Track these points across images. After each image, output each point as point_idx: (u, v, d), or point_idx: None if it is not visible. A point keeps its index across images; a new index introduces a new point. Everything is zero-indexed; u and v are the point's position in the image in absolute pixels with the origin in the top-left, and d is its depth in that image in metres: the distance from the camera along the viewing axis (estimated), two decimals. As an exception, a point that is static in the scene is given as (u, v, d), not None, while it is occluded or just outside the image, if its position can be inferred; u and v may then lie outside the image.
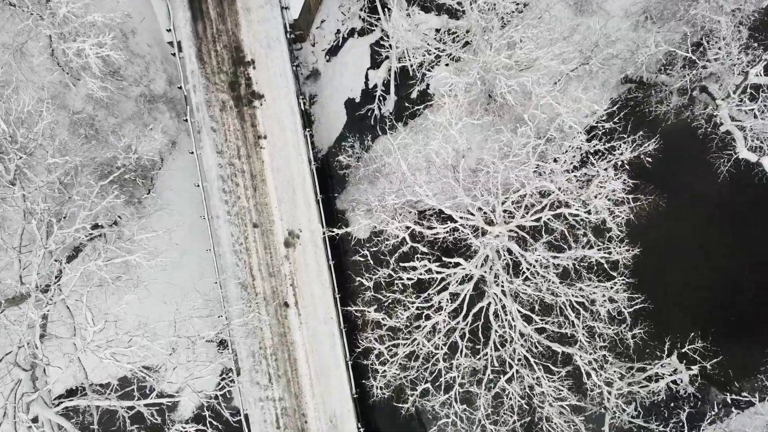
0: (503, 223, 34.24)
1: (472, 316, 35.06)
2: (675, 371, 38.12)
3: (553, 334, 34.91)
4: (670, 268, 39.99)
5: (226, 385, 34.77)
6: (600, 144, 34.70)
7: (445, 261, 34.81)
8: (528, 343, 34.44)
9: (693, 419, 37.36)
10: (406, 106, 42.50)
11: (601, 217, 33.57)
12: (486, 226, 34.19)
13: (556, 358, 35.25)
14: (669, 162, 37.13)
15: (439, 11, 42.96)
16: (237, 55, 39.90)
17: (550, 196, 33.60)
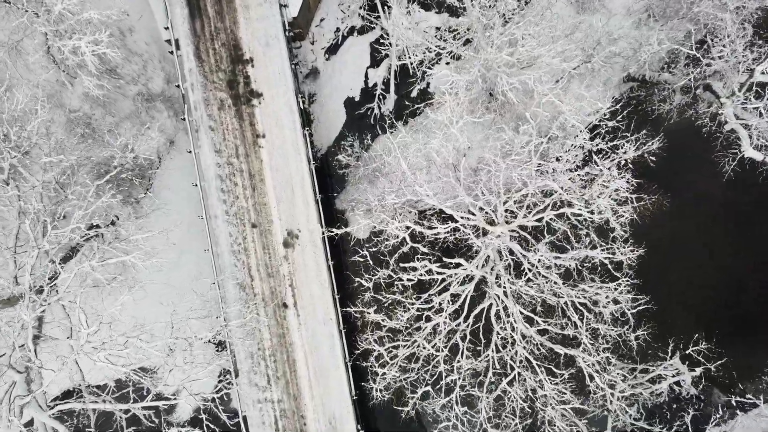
0: (505, 222, 33.16)
1: (473, 318, 34.03)
2: (677, 372, 37.06)
3: (556, 335, 33.84)
4: (674, 268, 38.98)
5: (224, 388, 33.71)
6: (603, 143, 33.85)
7: (446, 261, 33.80)
8: (530, 345, 33.38)
9: (697, 422, 36.34)
10: (406, 105, 41.60)
11: (605, 216, 32.59)
12: (487, 226, 33.16)
13: (559, 361, 34.18)
14: (673, 161, 36.11)
15: (439, 9, 42.05)
16: (235, 53, 38.98)
17: (552, 196, 32.61)
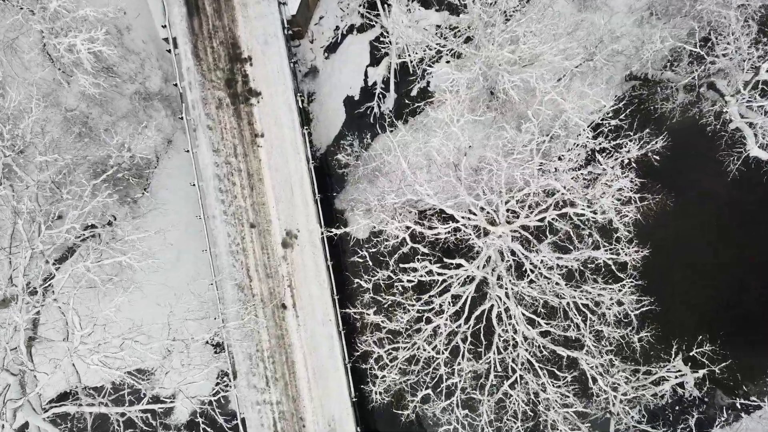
0: (506, 222, 32.07)
1: (474, 319, 32.93)
2: (680, 374, 35.97)
3: (558, 337, 32.72)
4: (678, 268, 37.94)
5: (221, 390, 32.63)
6: (606, 142, 32.81)
7: (447, 262, 32.71)
8: (532, 347, 32.26)
9: (701, 424, 35.31)
10: (406, 104, 40.62)
11: (608, 216, 31.49)
12: (488, 226, 32.10)
13: (561, 363, 33.06)
14: (676, 160, 35.05)
15: (439, 7, 40.99)
16: (233, 52, 38.00)
17: (554, 196, 31.52)
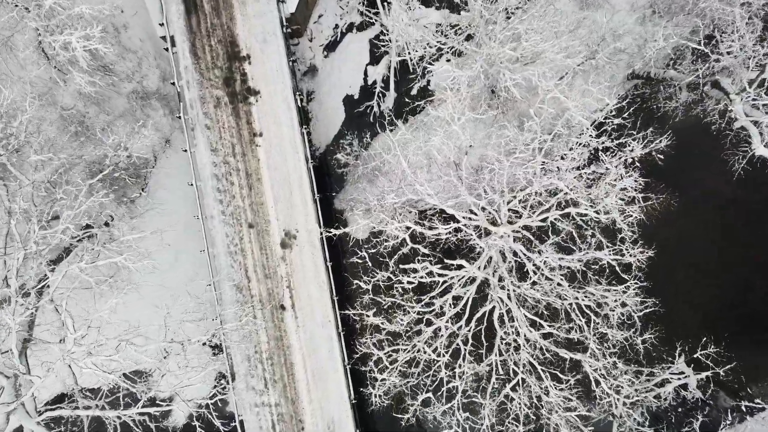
0: (508, 223, 30.98)
1: (475, 321, 31.82)
2: (683, 375, 34.88)
3: (561, 340, 31.61)
4: (682, 268, 36.81)
5: (218, 393, 31.55)
6: (609, 141, 31.72)
7: (447, 263, 31.58)
8: (535, 349, 31.13)
9: (706, 427, 34.20)
10: (406, 103, 39.64)
11: (612, 217, 30.39)
12: (490, 227, 31.00)
13: (564, 366, 31.95)
14: (680, 159, 33.88)
15: (440, 4, 39.85)
16: (232, 50, 37.01)
17: (557, 195, 30.41)
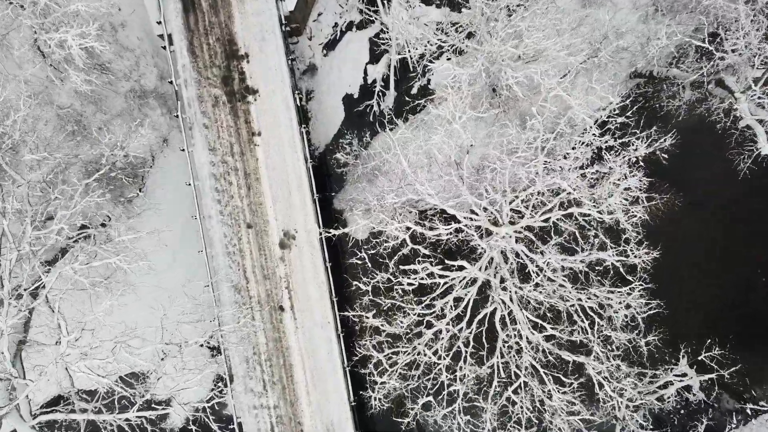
0: (509, 223, 29.95)
1: (477, 323, 30.79)
2: (685, 376, 33.88)
3: (565, 342, 30.58)
4: (685, 268, 35.59)
5: (215, 396, 30.55)
6: (612, 140, 30.68)
7: (448, 264, 30.56)
8: (537, 352, 30.10)
9: (710, 430, 33.07)
10: (406, 101, 38.63)
11: (615, 217, 29.38)
12: (491, 227, 29.95)
13: (567, 369, 30.92)
14: (684, 158, 32.83)
15: (440, 2, 38.81)
16: (230, 49, 36.03)
17: (560, 195, 29.39)
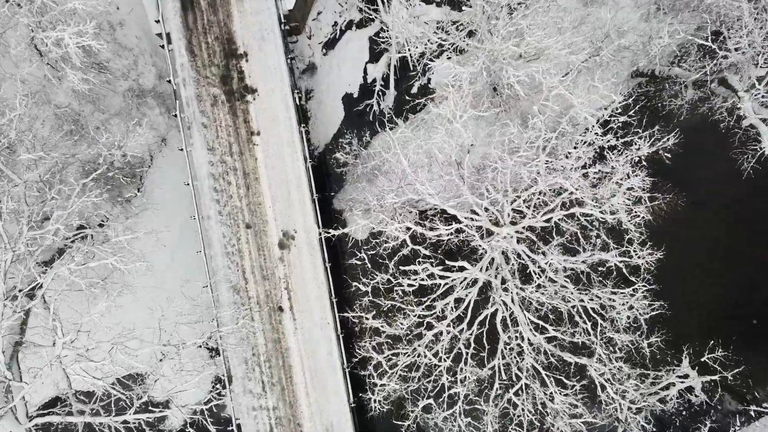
0: (511, 223, 29.28)
1: (478, 324, 30.11)
2: (686, 377, 33.21)
3: (567, 344, 29.89)
4: (688, 268, 34.80)
5: (213, 399, 29.88)
6: (614, 139, 30.01)
7: (449, 265, 29.89)
8: (539, 354, 29.42)
9: (713, 432, 32.53)
10: (406, 101, 37.99)
11: (618, 217, 28.72)
12: (493, 227, 29.27)
13: (569, 371, 30.23)
14: (687, 158, 32.12)
15: (441, 1, 38.07)
16: (229, 48, 35.42)
17: (562, 195, 28.72)
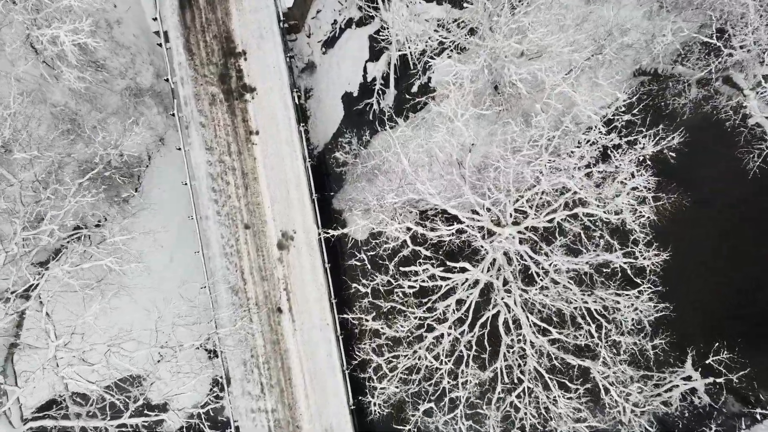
0: (513, 223, 28.38)
1: (479, 326, 29.21)
2: (689, 378, 32.32)
3: (570, 346, 28.97)
4: (693, 268, 33.76)
5: (211, 402, 29.04)
6: (618, 138, 29.06)
7: (450, 266, 28.99)
8: (542, 356, 28.52)
9: (718, 436, 31.57)
10: (407, 100, 37.06)
11: (622, 217, 27.79)
12: (494, 227, 28.37)
13: (572, 374, 29.32)
14: (691, 157, 31.15)
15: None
16: (227, 46, 34.56)
17: (565, 195, 27.81)
